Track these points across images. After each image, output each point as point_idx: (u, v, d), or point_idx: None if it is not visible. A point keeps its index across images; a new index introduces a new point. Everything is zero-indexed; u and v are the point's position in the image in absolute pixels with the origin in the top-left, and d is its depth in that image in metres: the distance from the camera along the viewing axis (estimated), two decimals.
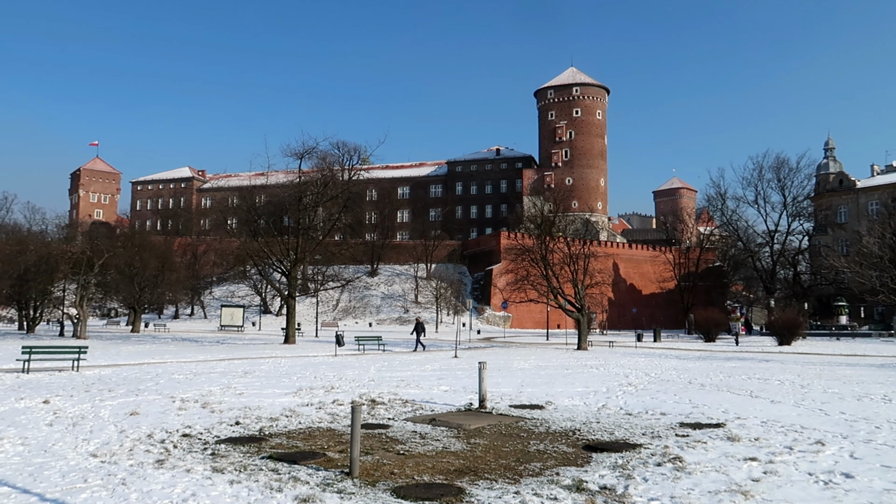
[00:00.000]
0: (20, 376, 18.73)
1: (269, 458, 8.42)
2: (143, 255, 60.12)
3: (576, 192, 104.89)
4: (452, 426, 10.96)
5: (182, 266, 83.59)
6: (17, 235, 68.21)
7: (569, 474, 7.60)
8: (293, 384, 17.36)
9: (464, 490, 6.89)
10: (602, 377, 20.23)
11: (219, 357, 28.40)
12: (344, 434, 10.20)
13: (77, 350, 21.25)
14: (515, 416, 12.26)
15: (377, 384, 17.60)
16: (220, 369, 22.00)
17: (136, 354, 29.14)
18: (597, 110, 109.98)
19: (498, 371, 21.59)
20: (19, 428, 10.36)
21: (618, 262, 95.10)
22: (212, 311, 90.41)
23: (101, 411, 12.15)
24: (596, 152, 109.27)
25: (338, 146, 66.94)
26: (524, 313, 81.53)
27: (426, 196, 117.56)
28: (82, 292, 47.70)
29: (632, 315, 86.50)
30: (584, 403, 14.08)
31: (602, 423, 11.42)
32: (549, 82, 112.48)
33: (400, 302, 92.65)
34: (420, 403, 13.88)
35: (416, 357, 30.20)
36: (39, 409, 12.42)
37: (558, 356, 31.65)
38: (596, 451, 9.06)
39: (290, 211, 46.92)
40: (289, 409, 12.76)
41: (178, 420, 11.30)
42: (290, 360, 27.49)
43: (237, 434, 10.13)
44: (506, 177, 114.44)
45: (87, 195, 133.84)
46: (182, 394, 14.84)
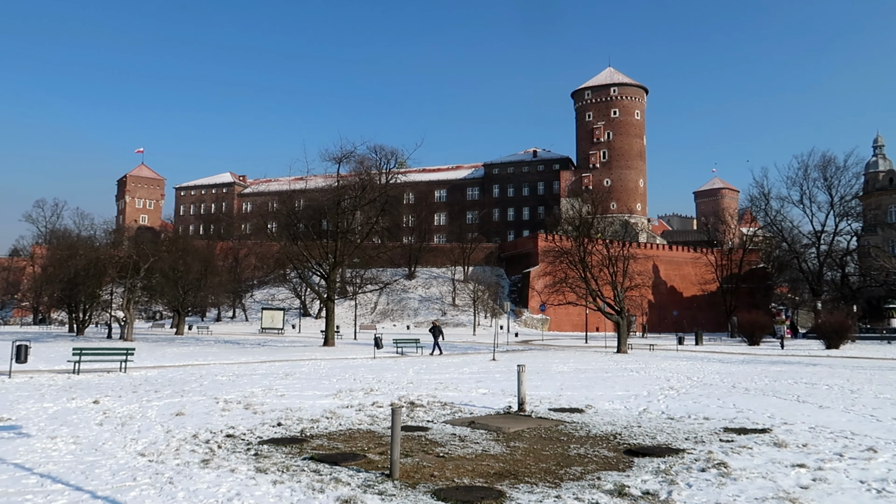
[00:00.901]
0: (71, 377, 19.32)
1: (311, 459, 8.53)
2: (186, 259, 61.51)
3: (614, 193, 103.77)
4: (492, 429, 10.94)
5: (224, 270, 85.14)
6: (68, 241, 70.56)
7: (610, 479, 7.52)
8: (333, 386, 17.54)
9: (504, 493, 6.88)
10: (643, 381, 19.96)
11: (260, 359, 28.86)
12: (384, 436, 10.27)
13: (124, 352, 21.82)
14: (555, 419, 12.18)
15: (416, 387, 17.67)
16: (262, 371, 22.35)
17: (180, 356, 29.79)
18: (635, 110, 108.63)
19: (536, 374, 21.47)
20: (71, 427, 10.69)
21: (658, 264, 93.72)
22: (253, 313, 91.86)
23: (148, 411, 12.45)
24: (634, 153, 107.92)
25: (375, 150, 67.35)
26: (562, 316, 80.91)
27: (463, 199, 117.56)
28: (129, 295, 48.96)
29: (672, 318, 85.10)
30: (625, 407, 13.91)
31: (643, 428, 11.27)
32: (586, 83, 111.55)
33: (437, 305, 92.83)
34: (459, 406, 13.89)
35: (453, 360, 30.23)
36: (90, 408, 12.79)
37: (597, 359, 31.33)
38: (637, 455, 8.94)
39: (328, 215, 47.45)
40: (329, 410, 12.89)
41: (222, 421, 11.52)
42: (330, 362, 27.78)
43: (279, 435, 10.28)
44: (543, 179, 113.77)
45: (133, 201, 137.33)
46: (225, 395, 15.12)
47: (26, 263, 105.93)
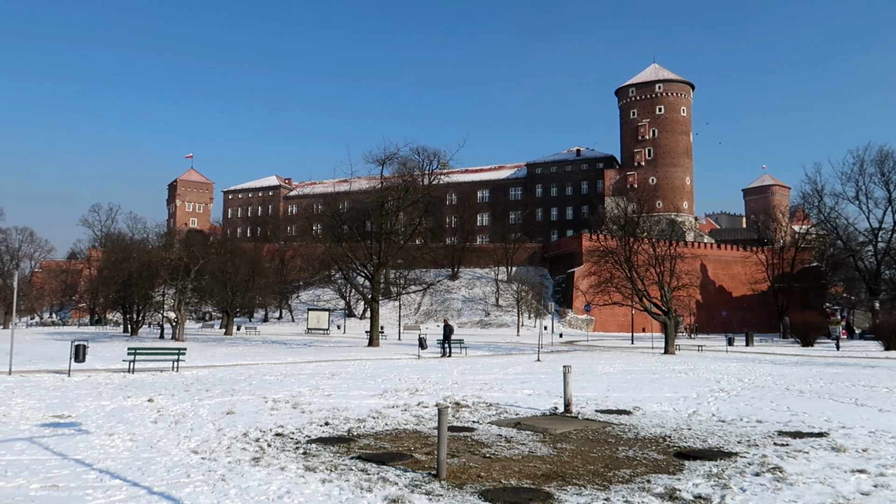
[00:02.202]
0: (126, 376, 19.92)
1: (359, 458, 8.60)
2: (234, 261, 62.76)
3: (660, 191, 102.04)
4: (538, 430, 10.87)
5: (271, 271, 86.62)
6: (122, 244, 72.84)
7: (660, 482, 7.39)
8: (378, 386, 17.67)
9: (552, 495, 6.82)
10: (692, 382, 19.57)
11: (307, 359, 29.27)
12: (430, 436, 10.30)
13: (176, 351, 22.38)
14: (602, 421, 12.03)
15: (460, 387, 17.68)
16: (309, 371, 22.67)
17: (229, 356, 30.42)
18: (681, 107, 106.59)
19: (582, 375, 21.25)
20: (127, 424, 11.02)
21: (706, 264, 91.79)
22: (299, 314, 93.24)
23: (199, 410, 12.75)
24: (680, 150, 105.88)
25: (418, 151, 67.49)
26: (607, 316, 79.94)
27: (506, 199, 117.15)
28: (180, 297, 50.24)
29: (721, 318, 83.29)
30: (674, 409, 13.66)
31: (693, 430, 11.04)
32: (630, 80, 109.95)
33: (481, 305, 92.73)
34: (504, 407, 13.85)
35: (497, 360, 30.15)
36: (144, 406, 13.16)
37: (644, 360, 30.85)
38: (688, 458, 8.76)
39: (372, 216, 47.83)
40: (375, 410, 12.99)
41: (271, 420, 11.71)
42: (375, 362, 28.01)
43: (327, 434, 10.40)
44: (587, 178, 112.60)
45: (183, 205, 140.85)
46: (273, 394, 15.38)
47: (83, 266, 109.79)
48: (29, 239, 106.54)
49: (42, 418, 11.58)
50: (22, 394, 14.99)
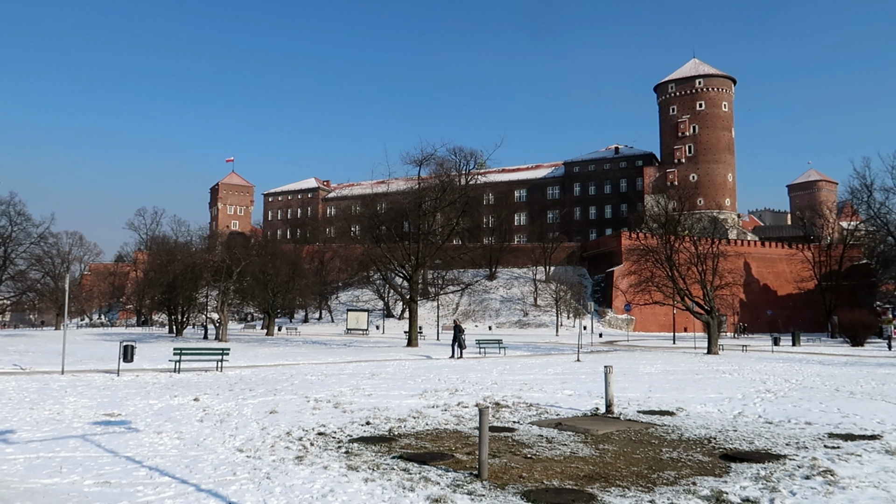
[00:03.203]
0: (172, 375, 20.39)
1: (400, 457, 8.65)
2: (275, 263, 63.72)
3: (701, 188, 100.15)
4: (579, 431, 10.78)
5: (310, 272, 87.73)
6: (166, 247, 74.57)
7: (706, 484, 7.25)
8: (418, 386, 17.74)
9: (595, 497, 6.75)
10: (736, 383, 19.17)
11: (347, 359, 29.55)
12: (470, 436, 10.29)
13: (220, 352, 22.83)
14: (645, 422, 11.87)
15: (500, 387, 17.63)
16: (349, 371, 22.88)
17: (271, 356, 30.88)
18: (722, 102, 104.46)
19: (623, 375, 21.00)
20: (175, 423, 11.28)
21: (749, 262, 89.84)
22: (338, 315, 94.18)
23: (244, 409, 12.97)
24: (722, 146, 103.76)
25: (455, 152, 67.56)
26: (648, 316, 78.84)
27: (543, 198, 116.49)
28: (223, 298, 51.20)
29: (766, 317, 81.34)
30: (719, 410, 13.40)
31: (739, 432, 10.81)
32: (669, 76, 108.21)
33: (519, 305, 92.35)
34: (544, 407, 13.77)
35: (537, 360, 29.99)
36: (191, 405, 13.45)
37: (687, 360, 30.33)
38: (735, 460, 8.59)
39: (410, 217, 48.03)
40: (415, 410, 13.04)
41: (313, 419, 11.85)
42: (414, 362, 28.12)
43: (368, 434, 10.48)
44: (625, 176, 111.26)
45: (225, 208, 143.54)
46: (315, 394, 15.56)
47: (130, 269, 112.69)
48: (79, 243, 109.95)
49: (94, 416, 11.93)
50: (74, 392, 15.46)
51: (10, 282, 59.72)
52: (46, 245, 64.89)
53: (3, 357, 28.41)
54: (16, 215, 58.02)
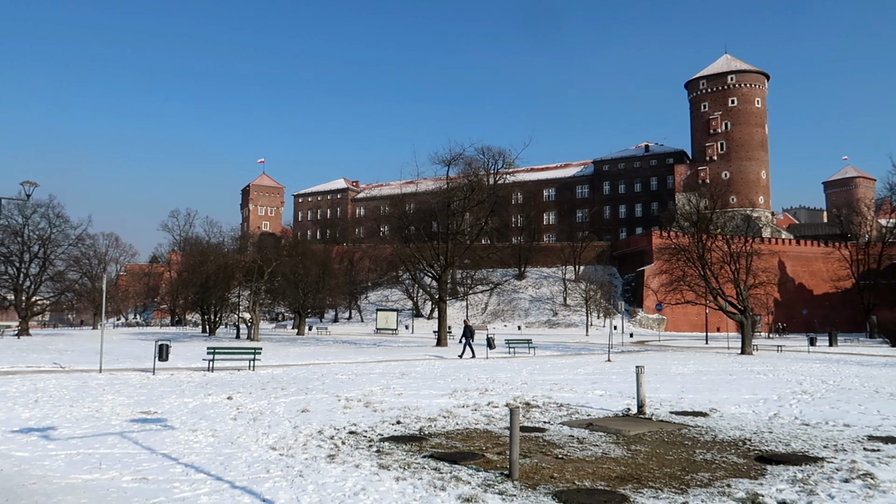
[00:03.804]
0: (206, 374, 20.71)
1: (431, 457, 8.68)
2: (305, 263, 64.30)
3: (734, 186, 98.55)
4: (611, 431, 10.70)
5: (340, 272, 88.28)
6: (199, 248, 75.75)
7: (741, 487, 7.15)
8: (448, 386, 17.76)
9: (628, 498, 6.70)
10: (771, 384, 18.84)
11: (376, 359, 29.71)
12: (501, 436, 10.28)
13: (253, 351, 23.12)
14: (677, 422, 11.73)
15: (530, 387, 17.57)
16: (379, 370, 23.00)
17: (302, 355, 31.19)
18: (755, 98, 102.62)
19: (655, 376, 20.77)
20: (209, 421, 11.46)
21: (784, 260, 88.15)
22: (367, 314, 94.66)
23: (276, 408, 13.13)
24: (755, 143, 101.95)
25: (483, 151, 67.90)
26: (680, 316, 77.83)
27: (572, 197, 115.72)
28: (254, 298, 51.84)
29: (802, 317, 79.80)
30: (753, 411, 13.18)
31: (775, 434, 10.63)
32: (701, 72, 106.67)
33: (548, 305, 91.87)
34: (575, 407, 13.69)
35: (567, 360, 29.81)
36: (224, 404, 13.65)
37: (720, 361, 29.89)
38: (770, 462, 8.44)
39: (438, 217, 48.14)
40: (445, 410, 13.06)
41: (344, 418, 11.95)
42: (443, 362, 28.17)
43: (399, 433, 10.53)
44: (656, 174, 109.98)
45: (256, 209, 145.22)
46: (346, 393, 15.68)
47: (164, 269, 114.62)
48: (114, 244, 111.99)
49: (131, 414, 12.18)
50: (112, 390, 15.80)
51: (50, 282, 61.22)
52: (84, 246, 66.43)
53: (44, 355, 29.17)
54: (54, 217, 59.46)
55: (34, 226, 58.19)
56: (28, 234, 57.62)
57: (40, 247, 58.44)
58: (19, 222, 56.84)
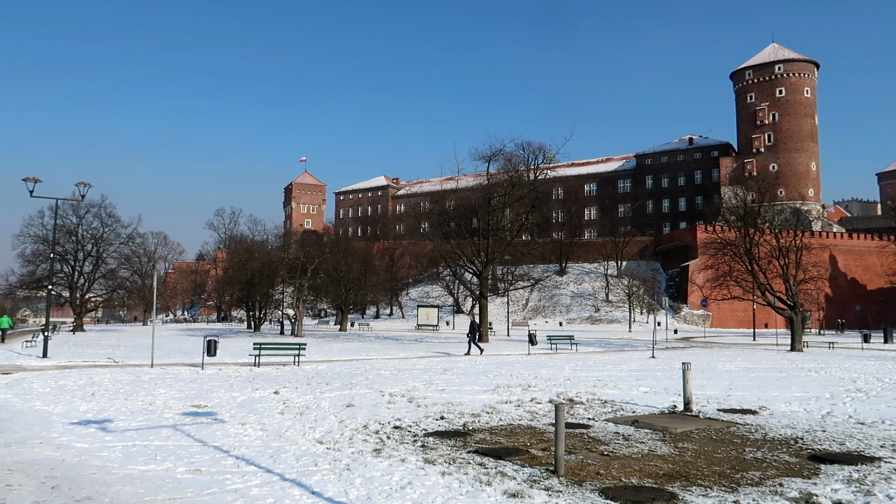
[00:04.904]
0: (253, 369, 21.13)
1: (475, 452, 8.71)
2: (347, 260, 64.99)
3: (782, 178, 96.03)
4: (657, 429, 10.57)
5: (381, 269, 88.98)
6: (244, 245, 77.21)
7: (794, 486, 6.99)
8: (491, 382, 17.77)
9: (676, 496, 6.62)
10: (823, 381, 18.34)
11: (418, 354, 29.87)
12: (545, 432, 10.26)
13: (297, 347, 23.50)
14: (725, 420, 11.52)
15: (573, 383, 17.46)
16: (421, 366, 23.13)
17: (345, 351, 31.56)
18: (804, 88, 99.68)
19: (701, 372, 20.42)
20: (257, 415, 11.71)
21: (835, 255, 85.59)
22: (408, 311, 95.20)
23: (321, 402, 13.33)
24: (804, 134, 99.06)
25: (523, 147, 67.49)
26: (726, 312, 76.25)
27: (614, 191, 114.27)
28: (298, 294, 52.60)
29: (855, 313, 77.44)
30: (805, 410, 12.86)
31: (828, 432, 10.36)
32: (746, 62, 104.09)
33: (590, 301, 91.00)
34: (619, 404, 13.56)
35: (610, 357, 29.51)
36: (271, 398, 13.92)
37: (768, 358, 29.20)
38: (824, 462, 8.24)
39: (479, 213, 48.09)
40: (489, 405, 13.08)
41: (389, 413, 12.07)
42: (486, 358, 28.16)
43: (443, 428, 10.59)
44: (700, 167, 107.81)
45: (298, 206, 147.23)
46: (389, 388, 15.82)
47: (210, 267, 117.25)
48: (163, 242, 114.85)
49: (182, 407, 12.52)
50: (163, 385, 16.25)
51: (102, 280, 63.17)
52: (134, 245, 68.31)
53: (98, 351, 30.16)
54: (106, 217, 61.33)
55: (87, 225, 60.14)
56: (82, 233, 59.55)
57: (93, 245, 60.35)
58: (73, 222, 58.80)
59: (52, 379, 17.34)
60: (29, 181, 24.72)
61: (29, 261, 57.82)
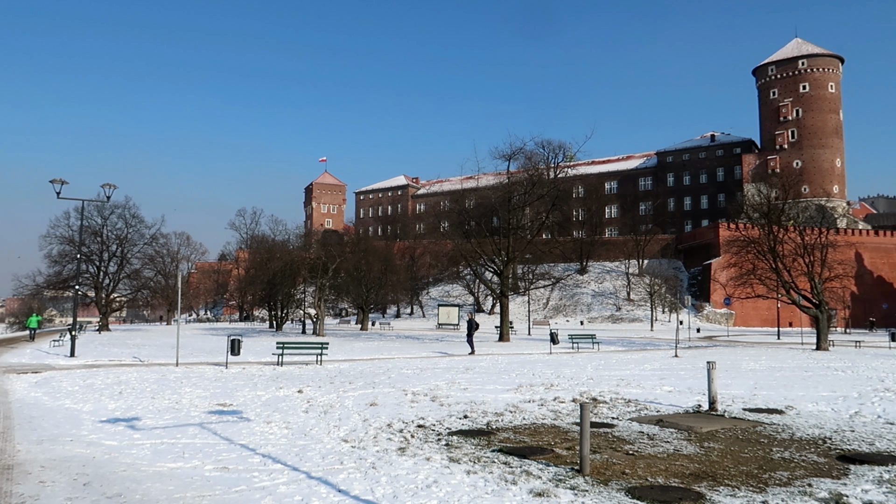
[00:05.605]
0: (276, 368, 21.30)
1: (500, 451, 8.71)
2: (368, 259, 65.27)
3: (806, 175, 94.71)
4: (682, 428, 10.49)
5: (402, 268, 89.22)
6: (265, 245, 77.84)
7: (823, 486, 6.91)
8: (513, 381, 17.76)
9: (703, 496, 6.57)
10: (851, 381, 18.08)
11: (440, 353, 29.90)
12: (569, 431, 10.23)
13: (320, 346, 23.65)
14: (751, 420, 11.41)
15: (596, 382, 17.39)
16: (443, 365, 23.17)
17: (367, 350, 31.70)
18: (828, 83, 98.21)
19: (725, 371, 20.24)
20: (282, 413, 11.81)
21: (861, 252, 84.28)
22: (429, 310, 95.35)
23: (345, 401, 13.41)
24: (829, 130, 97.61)
25: (543, 145, 66.98)
26: (749, 310, 75.45)
27: (635, 189, 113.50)
28: (319, 294, 52.94)
29: (882, 311, 76.14)
30: (832, 409, 12.69)
31: (857, 432, 10.21)
32: (769, 58, 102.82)
33: (611, 299, 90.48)
34: (643, 403, 13.48)
35: (632, 356, 29.34)
36: (295, 397, 14.03)
37: (794, 357, 28.85)
38: (854, 462, 8.13)
39: (499, 212, 48.03)
40: (512, 404, 13.07)
41: (412, 412, 12.11)
42: (507, 357, 28.14)
43: (466, 427, 10.61)
44: (722, 164, 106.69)
45: (319, 206, 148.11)
46: (412, 387, 15.87)
47: (232, 266, 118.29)
48: (186, 242, 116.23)
49: (208, 406, 12.67)
50: (189, 383, 16.45)
51: (127, 280, 64.10)
52: (158, 245, 69.31)
53: (124, 350, 30.59)
54: (131, 218, 62.24)
55: (112, 226, 61.08)
56: (107, 234, 60.48)
57: (118, 246, 61.25)
58: (98, 223, 59.74)
59: (80, 378, 17.63)
60: (56, 183, 25.13)
61: (55, 261, 58.84)
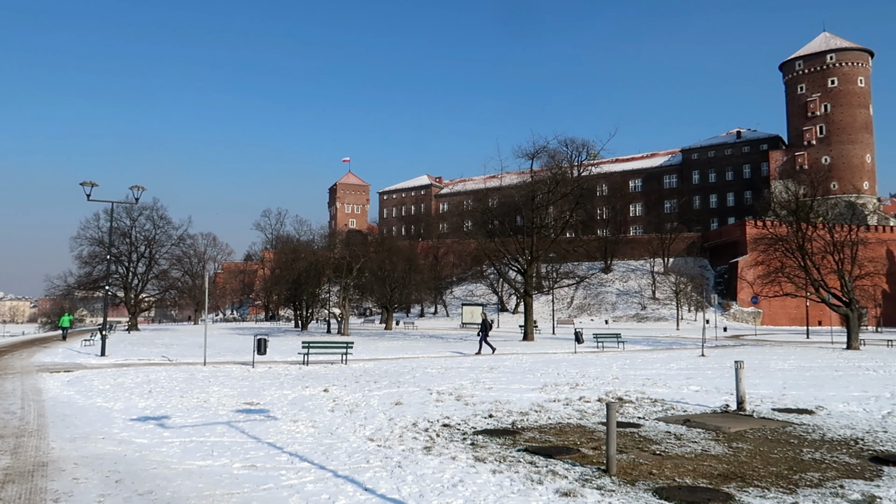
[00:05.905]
0: (301, 367, 21.47)
1: (525, 450, 8.70)
2: (392, 259, 65.56)
3: (835, 171, 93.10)
4: (710, 428, 10.39)
5: (425, 268, 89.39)
6: (290, 245, 78.54)
7: (856, 488, 6.80)
8: (538, 380, 17.71)
9: (732, 496, 6.51)
10: (883, 380, 17.74)
11: (464, 353, 29.90)
12: (595, 431, 10.19)
13: (345, 345, 23.81)
14: (781, 420, 11.25)
15: (622, 382, 17.28)
16: (467, 364, 23.18)
17: (391, 350, 31.81)
18: (858, 77, 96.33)
19: (753, 371, 19.98)
20: (308, 412, 11.91)
21: (893, 249, 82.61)
22: (453, 309, 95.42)
23: (370, 400, 13.49)
24: (859, 125, 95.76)
25: (566, 143, 66.76)
26: (777, 309, 74.37)
27: (660, 187, 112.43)
28: (344, 293, 53.25)
29: None
30: (864, 410, 12.47)
31: (890, 433, 10.03)
32: (796, 52, 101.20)
33: (636, 298, 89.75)
34: (670, 403, 13.36)
35: (658, 355, 29.08)
36: (321, 396, 14.14)
37: (823, 356, 28.37)
38: (887, 464, 7.98)
39: (523, 210, 47.90)
40: (537, 404, 13.04)
41: (437, 411, 12.14)
42: (531, 356, 28.06)
43: (491, 426, 10.61)
44: (748, 161, 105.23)
45: (343, 206, 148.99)
46: (437, 387, 15.91)
47: (258, 267, 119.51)
48: (212, 243, 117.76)
49: (235, 405, 12.83)
50: (216, 382, 16.67)
51: (155, 280, 65.08)
52: (185, 246, 70.18)
53: (153, 349, 31.08)
54: (158, 219, 63.17)
55: (140, 227, 62.04)
56: (135, 235, 61.46)
57: (146, 247, 62.20)
58: (127, 224, 60.72)
59: (110, 377, 17.95)
60: (86, 185, 25.58)
61: (86, 262, 59.96)
